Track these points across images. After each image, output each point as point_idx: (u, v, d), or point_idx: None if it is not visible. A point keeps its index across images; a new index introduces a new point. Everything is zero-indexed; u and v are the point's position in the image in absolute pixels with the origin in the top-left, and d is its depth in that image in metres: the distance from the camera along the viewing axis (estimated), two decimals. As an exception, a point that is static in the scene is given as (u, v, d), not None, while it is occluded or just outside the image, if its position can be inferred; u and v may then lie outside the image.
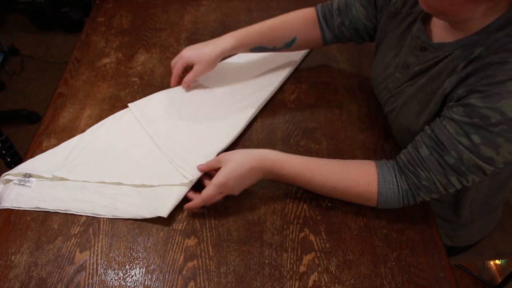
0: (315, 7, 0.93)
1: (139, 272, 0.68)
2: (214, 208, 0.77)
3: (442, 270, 0.70)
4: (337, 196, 0.76)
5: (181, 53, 0.92)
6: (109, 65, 1.05)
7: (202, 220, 0.75)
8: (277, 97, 0.98)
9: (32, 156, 0.83)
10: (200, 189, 0.74)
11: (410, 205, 0.73)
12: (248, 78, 1.00)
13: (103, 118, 0.91)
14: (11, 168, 0.82)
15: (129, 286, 0.67)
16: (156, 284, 0.67)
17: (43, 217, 0.75)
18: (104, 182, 0.78)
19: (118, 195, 0.77)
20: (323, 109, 0.95)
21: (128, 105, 0.92)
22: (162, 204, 0.75)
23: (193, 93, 0.96)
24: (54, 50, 2.54)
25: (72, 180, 0.79)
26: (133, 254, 0.70)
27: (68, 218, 0.75)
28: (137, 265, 0.69)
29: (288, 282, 0.68)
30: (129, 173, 0.80)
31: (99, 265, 0.69)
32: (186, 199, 0.76)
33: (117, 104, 0.95)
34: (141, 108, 0.91)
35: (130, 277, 0.68)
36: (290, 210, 0.77)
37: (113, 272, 0.68)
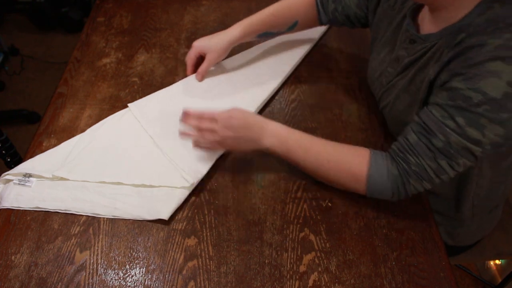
0: None
1: (139, 272, 0.68)
2: (214, 208, 0.77)
3: (442, 270, 0.70)
4: (328, 174, 0.75)
5: (193, 44, 0.97)
6: (109, 65, 1.05)
7: (202, 220, 0.75)
8: (277, 97, 0.98)
9: (32, 156, 0.83)
10: (199, 190, 0.74)
11: (401, 197, 0.72)
12: (248, 78, 1.00)
13: (103, 118, 0.91)
14: (11, 168, 0.82)
15: (129, 286, 0.67)
16: (156, 284, 0.67)
17: (43, 217, 0.75)
18: (104, 182, 0.78)
19: (118, 195, 0.77)
20: (323, 109, 0.95)
21: (128, 105, 0.92)
22: (163, 206, 0.75)
23: (194, 92, 0.96)
24: (54, 50, 2.54)
25: (72, 180, 0.79)
26: (133, 254, 0.71)
27: (68, 218, 0.75)
28: (137, 265, 0.69)
29: (288, 282, 0.68)
30: (129, 173, 0.80)
31: (99, 265, 0.69)
32: (187, 201, 0.77)
33: (117, 104, 0.95)
34: (141, 108, 0.91)
35: (130, 277, 0.68)
36: (290, 210, 0.77)
37: (113, 272, 0.68)
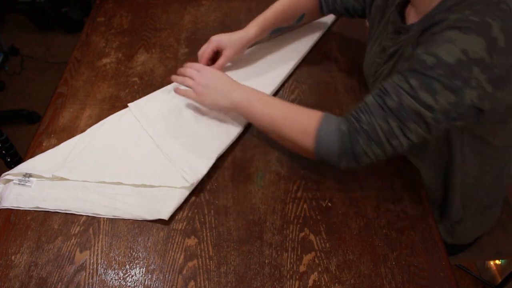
0: None
1: (139, 272, 0.68)
2: (214, 208, 0.77)
3: (442, 270, 0.70)
4: (281, 126, 0.76)
5: (210, 39, 0.97)
6: (109, 65, 1.05)
7: (202, 220, 0.75)
8: (277, 97, 0.98)
9: (32, 156, 0.83)
10: (199, 190, 0.74)
11: (349, 162, 0.70)
12: (249, 77, 1.00)
13: (103, 118, 0.91)
14: (11, 168, 0.82)
15: (129, 286, 0.67)
16: (156, 284, 0.67)
17: (43, 217, 0.75)
18: (104, 182, 0.78)
19: (118, 195, 0.77)
20: (323, 109, 0.94)
21: (128, 105, 0.92)
22: (163, 206, 0.75)
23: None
24: (54, 50, 2.54)
25: (72, 180, 0.79)
26: (133, 254, 0.71)
27: (68, 218, 0.75)
28: (137, 265, 0.69)
29: (288, 282, 0.68)
30: (129, 173, 0.80)
31: (99, 265, 0.69)
32: (187, 201, 0.77)
33: (117, 104, 0.95)
34: (141, 108, 0.91)
35: (130, 276, 0.68)
36: (290, 210, 0.77)
37: (113, 272, 0.68)
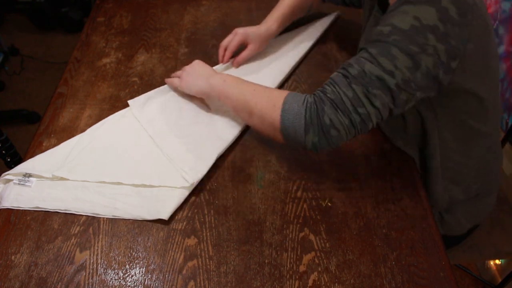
0: None
1: (139, 272, 0.68)
2: (214, 208, 0.77)
3: (442, 270, 0.70)
4: (250, 101, 0.77)
5: (236, 31, 1.00)
6: (109, 65, 1.06)
7: (202, 219, 0.75)
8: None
9: (32, 156, 0.83)
10: (199, 190, 0.74)
11: (316, 134, 0.68)
12: (249, 77, 1.00)
13: (103, 118, 0.91)
14: (11, 168, 0.82)
15: (129, 286, 0.67)
16: (156, 284, 0.67)
17: (43, 216, 0.75)
18: (104, 182, 0.78)
19: (118, 195, 0.77)
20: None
21: (128, 102, 0.92)
22: (163, 206, 0.75)
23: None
24: (54, 50, 2.54)
25: (72, 180, 0.79)
26: (133, 253, 0.71)
27: (68, 218, 0.75)
28: (137, 265, 0.69)
29: (288, 282, 0.68)
30: (129, 173, 0.80)
31: (99, 265, 0.69)
32: (186, 201, 0.77)
33: (117, 104, 0.95)
34: (141, 107, 0.91)
35: (130, 276, 0.68)
36: (290, 210, 0.77)
37: (113, 272, 0.68)
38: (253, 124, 0.79)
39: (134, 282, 0.67)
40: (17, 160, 1.28)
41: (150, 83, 1.00)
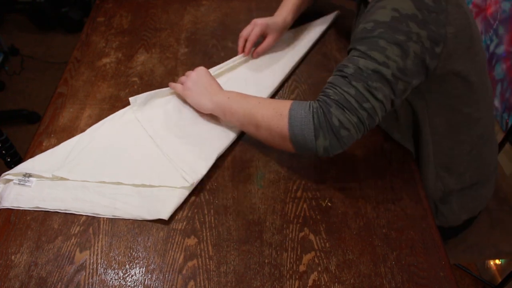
0: None
1: (139, 272, 0.68)
2: (214, 208, 0.77)
3: (442, 270, 0.70)
4: (257, 114, 0.77)
5: (256, 22, 1.01)
6: (109, 65, 1.06)
7: (202, 219, 0.75)
8: (276, 97, 0.98)
9: (32, 156, 0.83)
10: (199, 190, 0.74)
11: (326, 132, 0.68)
12: (249, 77, 1.01)
13: (103, 118, 0.91)
14: (11, 168, 0.82)
15: (129, 286, 0.67)
16: (156, 284, 0.67)
17: (43, 216, 0.75)
18: (104, 182, 0.78)
19: (118, 195, 0.77)
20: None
21: (129, 99, 0.91)
22: (163, 206, 0.75)
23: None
24: (54, 50, 2.54)
25: (72, 180, 0.79)
26: (133, 253, 0.71)
27: (68, 218, 0.75)
28: (137, 265, 0.69)
29: (288, 282, 0.68)
30: (129, 173, 0.80)
31: (99, 265, 0.69)
32: (186, 201, 0.77)
33: (117, 104, 0.95)
34: (141, 107, 0.91)
35: (130, 276, 0.68)
36: (290, 209, 0.77)
37: (113, 272, 0.68)
38: (262, 136, 0.79)
39: (134, 282, 0.67)
40: (17, 160, 1.28)
41: (150, 83, 1.00)
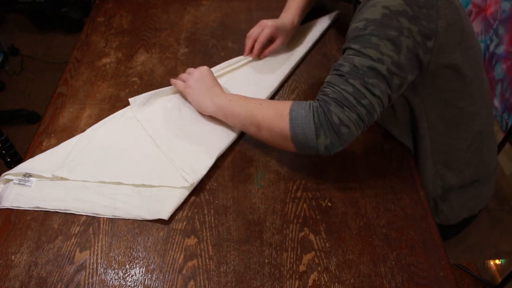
0: None
1: (139, 272, 0.68)
2: (214, 208, 0.77)
3: (442, 270, 0.70)
4: (257, 115, 0.77)
5: (265, 23, 1.00)
6: (109, 65, 1.06)
7: (202, 219, 0.75)
8: (276, 97, 0.98)
9: (32, 156, 0.83)
10: (199, 190, 0.74)
11: (327, 130, 0.69)
12: (249, 77, 1.00)
13: (103, 118, 0.91)
14: (11, 168, 0.82)
15: (129, 286, 0.67)
16: (156, 284, 0.67)
17: (43, 216, 0.75)
18: (104, 182, 0.78)
19: (118, 195, 0.77)
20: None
21: (129, 100, 0.92)
22: (163, 206, 0.75)
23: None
24: (54, 50, 2.54)
25: (72, 180, 0.79)
26: (133, 253, 0.71)
27: (68, 218, 0.75)
28: (137, 265, 0.69)
29: (288, 282, 0.68)
30: (129, 173, 0.80)
31: (99, 265, 0.69)
32: (186, 201, 0.77)
33: (117, 104, 0.95)
34: (141, 107, 0.91)
35: (130, 276, 0.68)
36: (290, 209, 0.77)
37: (113, 272, 0.68)
38: (263, 138, 0.79)
39: (134, 282, 0.67)
40: (17, 160, 1.28)
41: (150, 83, 1.01)
